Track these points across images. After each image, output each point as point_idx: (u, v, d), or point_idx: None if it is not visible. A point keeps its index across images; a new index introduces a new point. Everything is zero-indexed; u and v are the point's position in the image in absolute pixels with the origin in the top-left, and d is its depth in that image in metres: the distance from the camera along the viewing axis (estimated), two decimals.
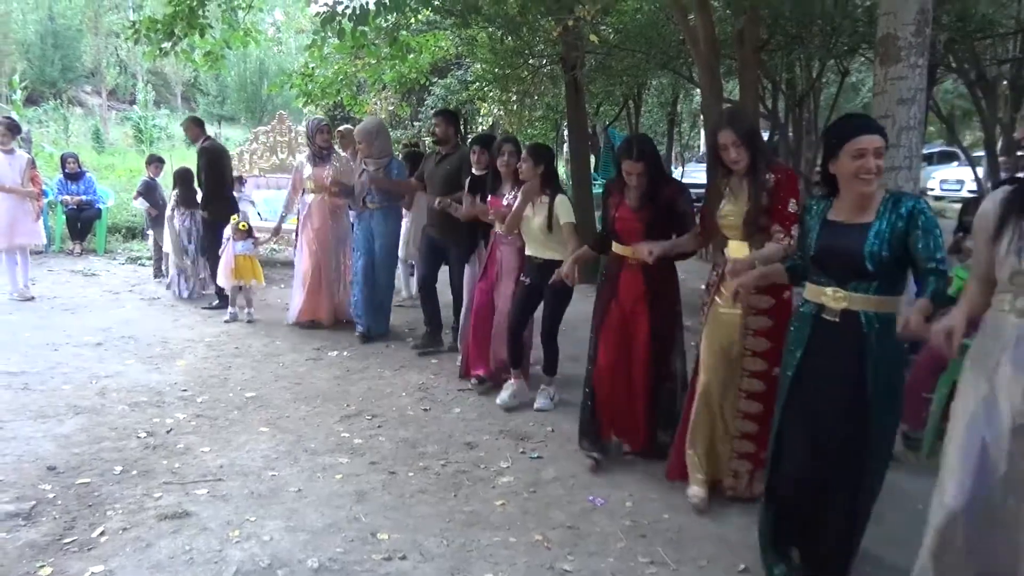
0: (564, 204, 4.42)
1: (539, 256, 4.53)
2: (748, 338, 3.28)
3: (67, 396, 4.62)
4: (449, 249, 5.67)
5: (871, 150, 2.46)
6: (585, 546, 3.06)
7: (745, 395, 3.32)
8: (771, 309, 3.23)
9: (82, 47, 30.07)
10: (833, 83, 12.24)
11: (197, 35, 6.52)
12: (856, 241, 2.50)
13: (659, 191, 3.67)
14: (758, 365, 3.27)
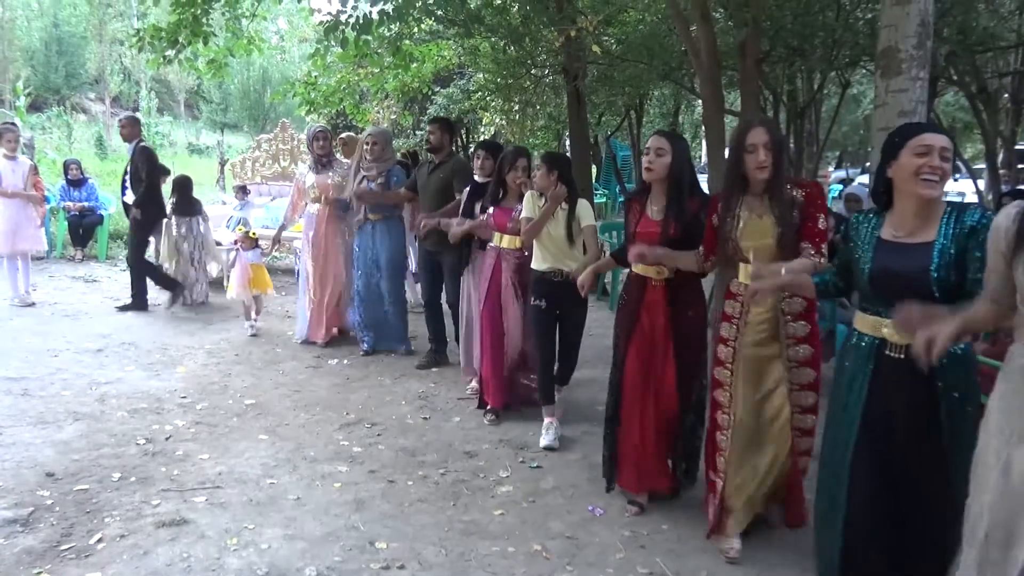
0: (585, 207, 4.17)
1: (558, 269, 4.13)
2: (792, 371, 3.00)
3: (67, 402, 4.62)
4: (443, 259, 5.45)
5: (937, 148, 2.19)
6: (584, 556, 3.05)
7: (799, 433, 3.07)
8: (809, 336, 2.99)
9: (86, 54, 30.19)
10: (834, 95, 12.28)
11: (201, 43, 6.55)
12: (919, 262, 2.20)
13: (684, 201, 3.32)
14: (809, 399, 3.03)
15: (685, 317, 3.40)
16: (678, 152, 3.31)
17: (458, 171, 5.36)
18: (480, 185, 4.94)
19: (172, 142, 26.19)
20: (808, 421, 3.07)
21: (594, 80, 8.30)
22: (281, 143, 10.83)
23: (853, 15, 7.00)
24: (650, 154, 3.32)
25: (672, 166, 3.29)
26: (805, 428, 3.08)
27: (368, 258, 5.90)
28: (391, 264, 5.91)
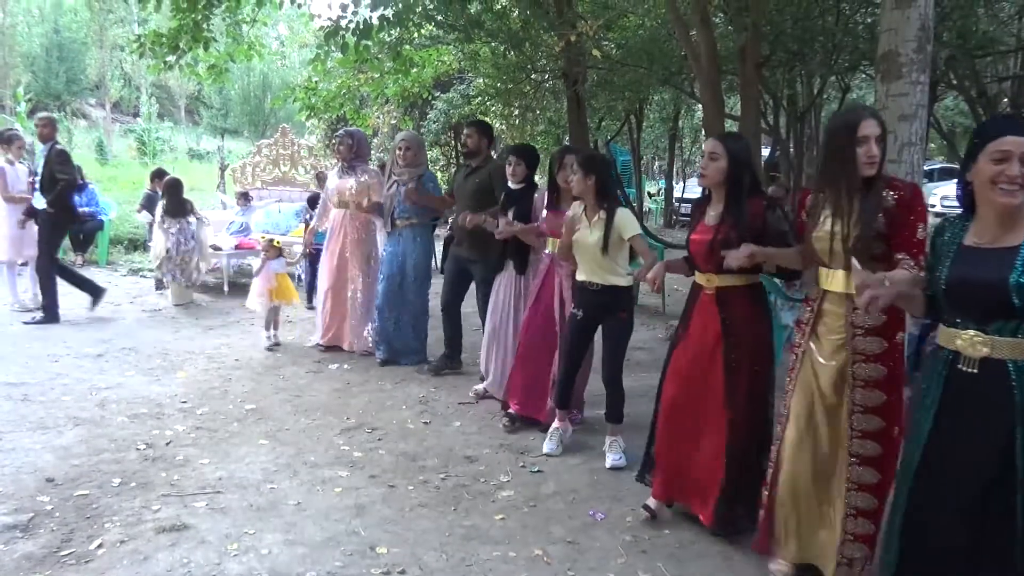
0: (626, 217, 3.86)
1: (595, 282, 3.91)
2: (857, 391, 2.67)
3: (67, 407, 4.61)
4: (476, 268, 5.29)
5: (1017, 155, 2.00)
6: (585, 561, 3.04)
7: (858, 461, 2.68)
8: (884, 354, 2.64)
9: (87, 60, 30.26)
10: (835, 99, 12.29)
11: (201, 49, 6.55)
12: (999, 269, 2.00)
13: (742, 205, 3.09)
14: (872, 423, 2.66)
15: (740, 330, 3.13)
16: (733, 155, 3.11)
17: (496, 175, 5.15)
18: (513, 191, 4.79)
19: (173, 147, 26.24)
20: (868, 448, 2.67)
21: (594, 85, 8.29)
22: (281, 148, 10.86)
23: (853, 19, 7.01)
24: (705, 159, 3.19)
25: (727, 170, 3.11)
26: (864, 456, 2.68)
27: (394, 264, 5.69)
28: (417, 271, 5.70)
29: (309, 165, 10.75)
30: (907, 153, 3.60)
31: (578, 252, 3.95)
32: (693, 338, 3.23)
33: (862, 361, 2.66)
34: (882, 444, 2.65)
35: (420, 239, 5.74)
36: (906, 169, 3.60)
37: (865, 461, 2.67)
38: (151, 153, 23.51)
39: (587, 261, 3.92)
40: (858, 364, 2.67)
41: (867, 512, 2.69)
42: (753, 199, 3.12)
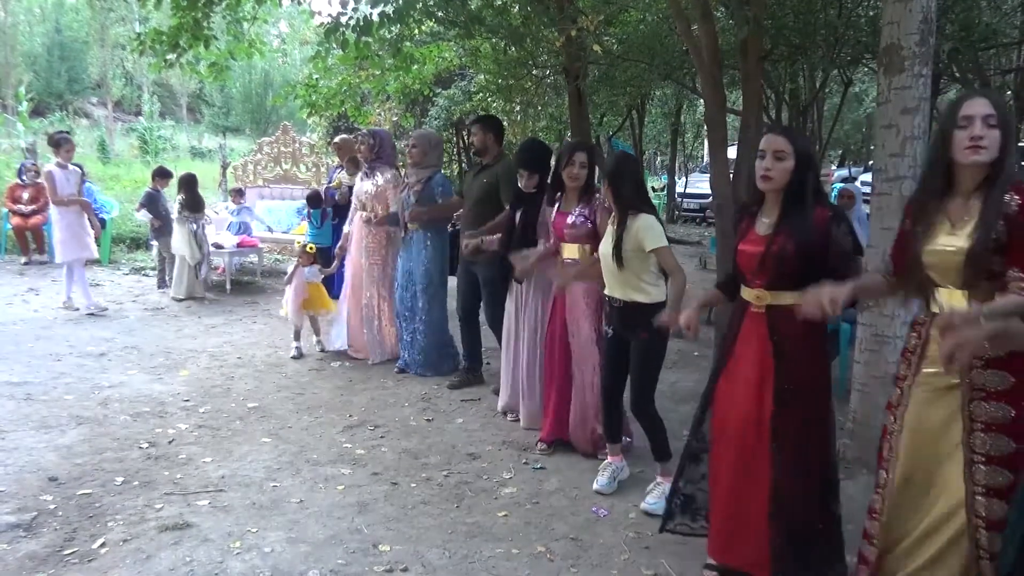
0: (646, 226, 3.39)
1: (616, 297, 3.52)
2: (976, 436, 2.20)
3: (69, 406, 4.61)
4: (478, 269, 5.06)
5: None
6: (588, 558, 3.04)
7: (984, 524, 2.18)
8: (1011, 392, 2.17)
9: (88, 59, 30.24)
10: (837, 93, 12.25)
11: (202, 47, 6.53)
12: None
13: (806, 213, 2.61)
14: (998, 478, 2.17)
15: (794, 355, 2.65)
16: (803, 154, 2.64)
17: (505, 177, 4.86)
18: (524, 196, 4.48)
19: (174, 146, 26.20)
20: (995, 510, 2.16)
21: (595, 80, 8.26)
22: (283, 146, 10.85)
23: (855, 12, 6.98)
24: (767, 158, 2.64)
25: (795, 171, 2.62)
26: (990, 519, 2.17)
27: (404, 271, 5.50)
28: (426, 277, 5.40)
29: (311, 163, 10.74)
30: (910, 146, 3.58)
31: (602, 264, 3.57)
32: (739, 364, 2.77)
33: (981, 399, 2.20)
34: (1009, 503, 2.14)
35: (431, 244, 5.41)
36: (909, 162, 3.59)
37: (993, 524, 2.16)
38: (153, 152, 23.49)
39: (607, 274, 3.56)
40: (976, 403, 2.20)
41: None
42: (817, 207, 2.63)
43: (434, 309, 5.48)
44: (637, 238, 3.38)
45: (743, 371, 2.74)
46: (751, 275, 2.72)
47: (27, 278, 8.74)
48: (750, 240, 2.74)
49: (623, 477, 3.75)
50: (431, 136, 5.53)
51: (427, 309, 5.45)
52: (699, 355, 6.01)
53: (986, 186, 2.18)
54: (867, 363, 3.79)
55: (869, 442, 3.72)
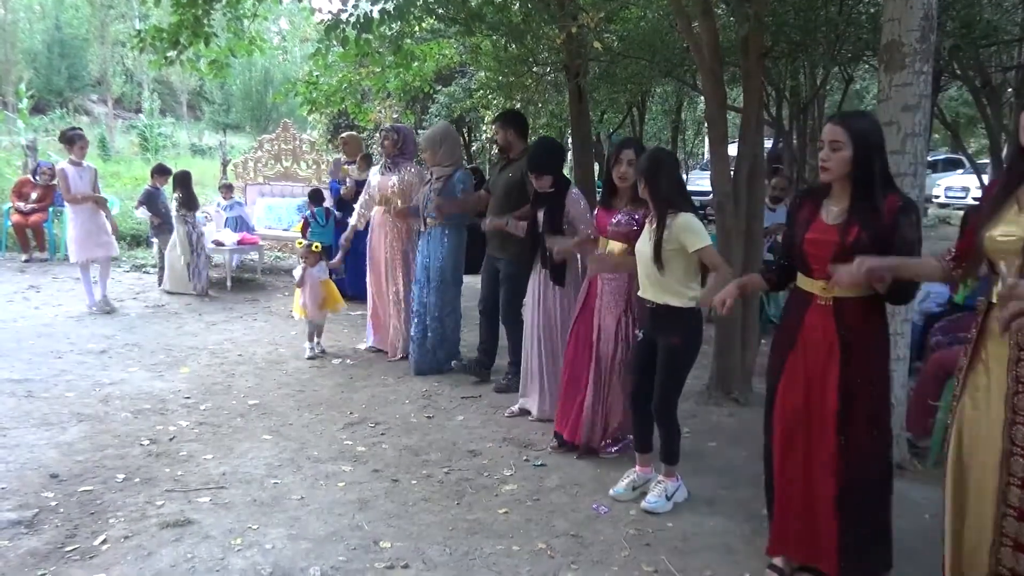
0: (688, 225, 3.27)
1: (649, 299, 3.42)
2: (1018, 428, 2.13)
3: (70, 404, 4.62)
4: (500, 264, 5.04)
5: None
6: (589, 555, 3.04)
7: (1016, 515, 2.15)
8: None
9: (88, 56, 30.27)
10: (837, 91, 12.24)
11: (202, 44, 6.52)
12: None
13: (876, 201, 2.56)
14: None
15: (860, 348, 2.62)
16: (861, 141, 2.57)
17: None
18: (543, 196, 4.41)
19: (175, 143, 26.23)
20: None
21: (596, 77, 8.26)
22: (283, 143, 10.84)
23: (856, 9, 6.97)
24: (824, 148, 2.63)
25: (854, 159, 2.58)
26: (1022, 509, 2.13)
27: (422, 266, 5.47)
28: (440, 273, 5.36)
29: (311, 160, 10.73)
30: (910, 143, 3.58)
31: (638, 264, 3.47)
32: (805, 354, 2.71)
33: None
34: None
35: (448, 239, 5.36)
36: (909, 159, 3.58)
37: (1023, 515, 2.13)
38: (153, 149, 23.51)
39: (642, 274, 3.44)
40: (1020, 396, 2.13)
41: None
42: (889, 196, 2.57)
43: (448, 305, 5.47)
44: (679, 239, 3.27)
45: (807, 364, 2.71)
46: (820, 266, 2.64)
47: (28, 275, 8.75)
48: (819, 229, 2.67)
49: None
50: (434, 135, 5.47)
51: (441, 304, 5.43)
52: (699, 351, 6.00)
53: None
54: None
55: None
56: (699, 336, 3.43)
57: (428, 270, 5.42)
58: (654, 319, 3.41)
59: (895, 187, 2.68)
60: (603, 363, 3.94)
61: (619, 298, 3.86)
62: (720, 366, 4.99)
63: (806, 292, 2.73)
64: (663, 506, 3.41)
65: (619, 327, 3.87)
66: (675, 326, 3.34)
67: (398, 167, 5.78)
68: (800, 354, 2.73)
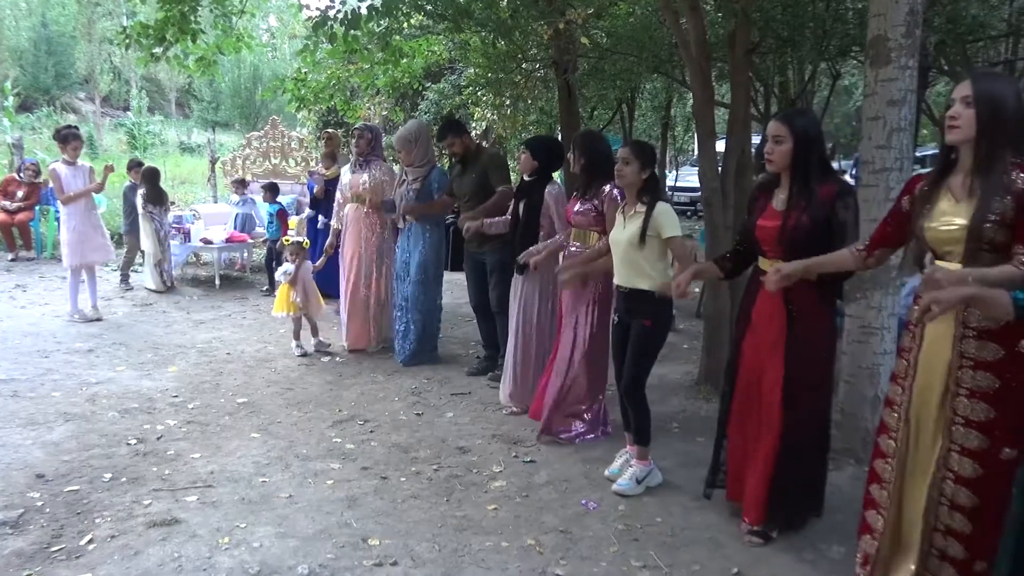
0: (668, 214, 3.47)
1: (623, 285, 3.60)
2: (960, 400, 2.32)
3: (57, 403, 4.59)
4: (486, 258, 5.13)
5: None
6: (578, 550, 3.04)
7: (953, 478, 2.35)
8: (998, 363, 2.26)
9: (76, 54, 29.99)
10: (826, 87, 12.26)
11: (189, 40, 6.49)
12: None
13: (812, 189, 2.89)
14: (972, 440, 2.30)
15: (806, 323, 2.95)
16: (800, 135, 2.91)
17: (490, 165, 5.11)
18: (523, 184, 4.62)
19: (163, 141, 26.07)
20: (966, 467, 2.31)
21: (585, 74, 8.25)
22: (272, 140, 10.82)
23: (843, 5, 6.98)
24: (768, 142, 2.98)
25: (794, 151, 2.92)
26: (960, 474, 2.33)
27: (401, 262, 5.60)
28: (421, 268, 5.46)
29: (300, 157, 10.70)
30: (896, 138, 3.59)
31: (613, 251, 3.65)
32: (757, 329, 3.07)
33: (969, 367, 2.30)
34: (982, 465, 2.29)
35: (429, 236, 5.48)
36: (895, 154, 3.60)
37: (961, 480, 2.33)
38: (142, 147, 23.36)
39: (619, 261, 3.61)
40: (964, 370, 2.31)
41: (959, 535, 2.35)
42: (827, 183, 2.91)
43: (428, 299, 5.56)
44: (655, 225, 3.45)
45: (760, 335, 3.06)
46: (770, 248, 2.99)
47: (14, 275, 8.68)
48: (768, 216, 3.00)
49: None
50: (406, 135, 5.49)
51: (422, 299, 5.51)
52: (688, 348, 6.02)
53: (984, 164, 2.24)
54: (854, 354, 3.81)
55: (855, 433, 3.75)
56: (669, 319, 3.70)
57: (408, 265, 5.52)
58: (627, 303, 3.60)
59: (834, 175, 3.04)
60: (564, 350, 4.14)
61: (587, 290, 4.06)
62: (709, 361, 5.00)
63: (761, 271, 3.04)
64: (633, 488, 3.54)
65: (586, 314, 4.08)
66: (646, 309, 3.51)
67: (369, 165, 5.87)
68: (755, 326, 3.08)
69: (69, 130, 6.95)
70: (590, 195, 4.05)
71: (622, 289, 3.61)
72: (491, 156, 5.21)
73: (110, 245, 7.20)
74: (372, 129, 6.04)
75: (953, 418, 2.34)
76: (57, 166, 6.72)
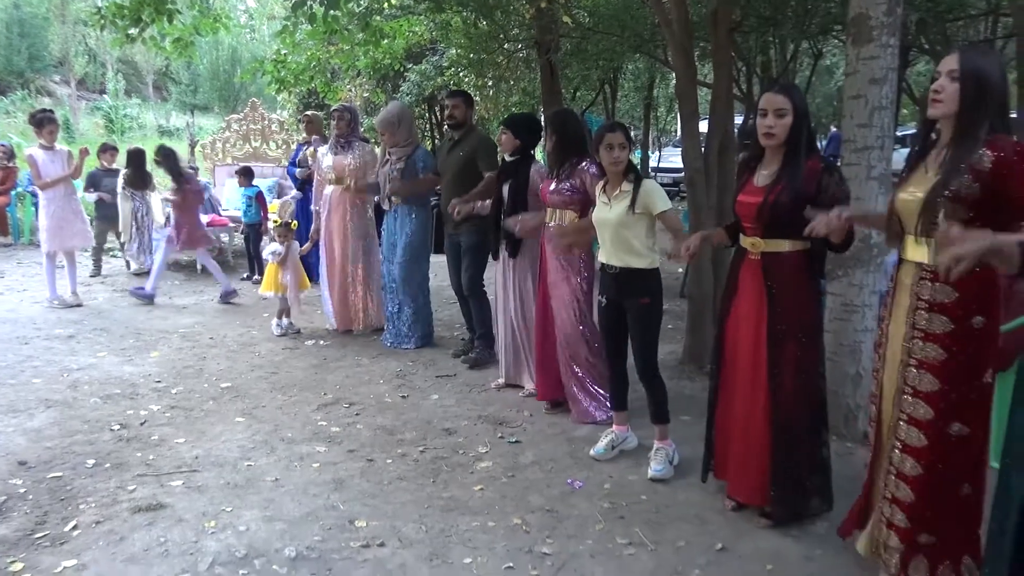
0: (657, 189, 3.48)
1: (613, 264, 3.56)
2: (910, 370, 2.39)
3: (37, 390, 4.55)
4: (462, 239, 5.11)
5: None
6: (564, 529, 3.06)
7: (900, 446, 2.43)
8: (947, 336, 2.30)
9: (49, 35, 29.46)
10: (807, 66, 12.29)
11: (166, 21, 6.38)
12: None
13: (800, 164, 2.82)
14: (919, 410, 2.36)
15: (786, 299, 2.90)
16: (801, 107, 2.83)
17: (482, 147, 5.04)
18: (506, 164, 4.57)
19: (141, 124, 25.76)
20: (912, 437, 2.38)
21: (567, 54, 8.21)
22: (252, 123, 10.69)
23: None
24: (768, 116, 2.82)
25: (794, 126, 2.82)
26: (908, 444, 2.40)
27: (388, 243, 5.55)
28: (408, 250, 5.43)
29: (281, 140, 10.59)
30: (878, 116, 3.60)
31: (599, 231, 3.62)
32: (740, 306, 3.04)
33: (920, 338, 2.36)
34: (927, 436, 2.33)
35: (415, 217, 5.46)
36: (877, 132, 3.61)
37: (907, 449, 2.39)
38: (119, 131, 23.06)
39: (606, 240, 3.57)
40: (915, 341, 2.37)
41: (902, 503, 2.42)
42: (809, 159, 2.84)
43: (417, 280, 5.55)
44: (644, 202, 3.43)
45: (743, 312, 3.02)
46: (749, 224, 2.95)
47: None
48: (749, 191, 2.94)
49: (627, 447, 3.77)
50: (389, 117, 5.43)
51: (410, 280, 5.50)
52: (672, 328, 6.04)
53: (958, 138, 2.26)
54: (836, 332, 3.84)
55: (838, 410, 3.79)
56: (662, 292, 3.61)
57: (396, 247, 5.47)
58: (619, 283, 3.55)
59: (816, 151, 2.97)
60: (563, 329, 4.13)
61: (571, 264, 4.07)
62: (693, 340, 5.03)
63: (742, 248, 3.04)
64: (668, 472, 3.50)
65: (572, 292, 4.08)
66: (641, 286, 3.51)
67: (351, 146, 5.80)
68: (738, 303, 3.05)
69: (44, 114, 6.84)
70: (564, 174, 4.03)
71: (612, 269, 3.56)
72: (483, 139, 5.14)
73: (89, 231, 7.10)
74: (350, 110, 5.98)
75: (903, 388, 2.40)
76: (34, 151, 6.62)
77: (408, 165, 5.35)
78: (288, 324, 5.99)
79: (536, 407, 4.40)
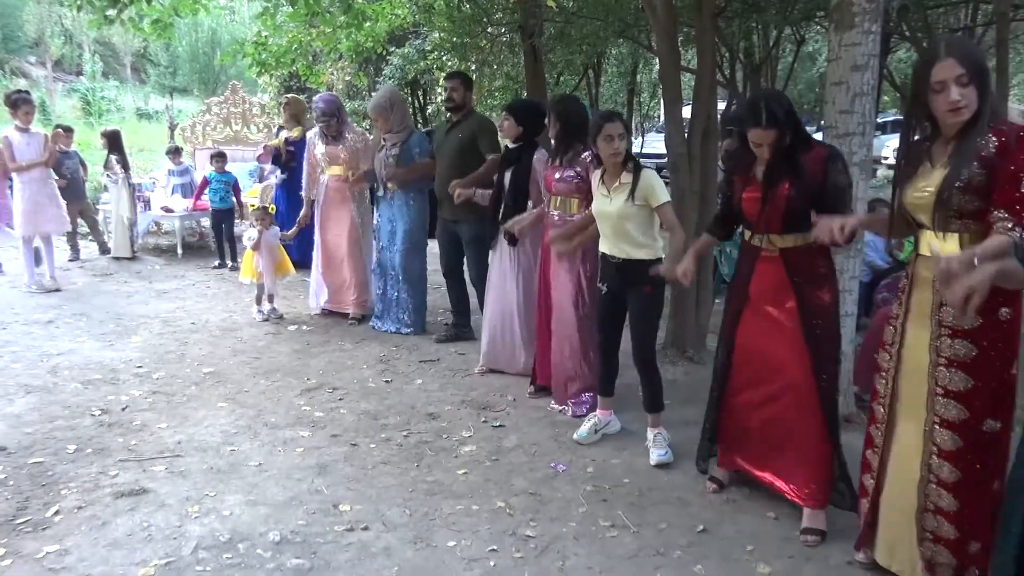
0: (654, 180, 3.43)
1: (615, 255, 3.56)
2: (940, 370, 2.31)
3: (17, 375, 4.51)
4: (461, 229, 5.09)
5: None
6: (547, 512, 3.09)
7: (937, 452, 2.33)
8: (976, 332, 2.24)
9: (24, 15, 28.92)
10: (790, 52, 12.33)
11: (144, 2, 6.28)
12: None
13: (797, 156, 2.79)
14: (951, 411, 2.29)
15: (813, 293, 2.85)
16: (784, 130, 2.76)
17: (481, 130, 4.97)
18: (509, 152, 4.54)
19: (119, 107, 25.39)
20: (947, 440, 2.30)
21: (551, 38, 8.19)
22: (232, 106, 10.59)
23: None
24: (762, 148, 2.84)
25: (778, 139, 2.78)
26: (944, 449, 2.32)
27: (386, 231, 5.49)
28: (407, 237, 5.40)
29: (262, 123, 10.50)
30: (859, 103, 3.62)
31: (599, 223, 3.59)
32: (759, 307, 2.95)
33: (948, 336, 2.29)
34: (963, 437, 2.28)
35: (413, 203, 5.41)
36: (858, 119, 3.63)
37: (944, 454, 2.31)
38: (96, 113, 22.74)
39: (607, 232, 3.56)
40: (943, 339, 2.30)
41: (946, 513, 2.33)
42: (813, 148, 2.82)
43: (416, 267, 5.51)
44: (643, 194, 3.41)
45: (764, 312, 2.95)
46: (761, 222, 2.88)
47: None
48: (754, 187, 2.89)
49: (610, 431, 3.83)
50: (381, 102, 5.32)
51: (409, 267, 5.47)
52: None
53: (970, 129, 2.21)
54: None
55: None
56: (664, 284, 3.60)
57: (395, 234, 5.43)
58: (622, 274, 3.54)
59: (816, 141, 2.92)
60: (562, 319, 4.08)
61: (572, 256, 3.97)
62: (675, 325, 5.06)
63: (753, 246, 2.96)
64: (671, 456, 3.53)
65: (575, 281, 4.01)
66: (644, 277, 3.46)
67: (343, 135, 5.71)
68: (756, 303, 2.97)
69: (19, 95, 6.71)
70: (567, 161, 3.99)
71: (614, 260, 3.55)
72: (482, 121, 5.08)
73: (65, 215, 7.00)
74: (334, 114, 5.67)
75: (935, 388, 2.32)
76: (9, 132, 6.50)
77: (404, 151, 5.27)
78: (271, 309, 5.97)
79: (520, 392, 4.42)
